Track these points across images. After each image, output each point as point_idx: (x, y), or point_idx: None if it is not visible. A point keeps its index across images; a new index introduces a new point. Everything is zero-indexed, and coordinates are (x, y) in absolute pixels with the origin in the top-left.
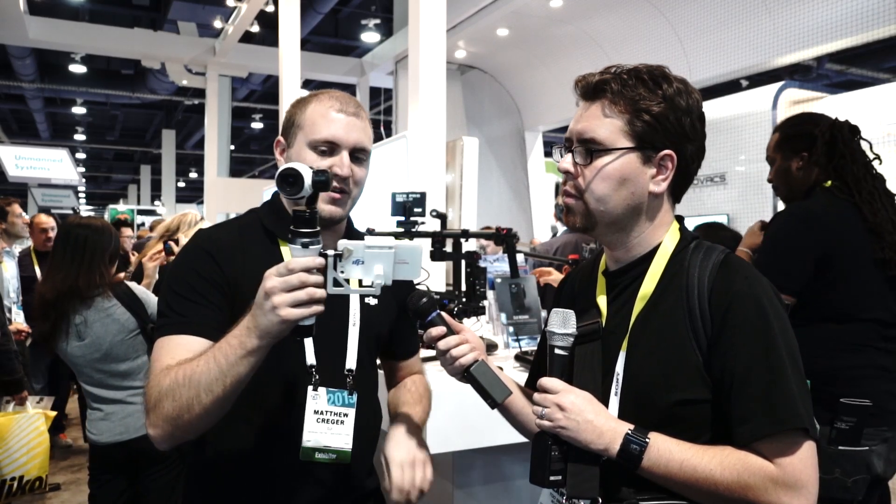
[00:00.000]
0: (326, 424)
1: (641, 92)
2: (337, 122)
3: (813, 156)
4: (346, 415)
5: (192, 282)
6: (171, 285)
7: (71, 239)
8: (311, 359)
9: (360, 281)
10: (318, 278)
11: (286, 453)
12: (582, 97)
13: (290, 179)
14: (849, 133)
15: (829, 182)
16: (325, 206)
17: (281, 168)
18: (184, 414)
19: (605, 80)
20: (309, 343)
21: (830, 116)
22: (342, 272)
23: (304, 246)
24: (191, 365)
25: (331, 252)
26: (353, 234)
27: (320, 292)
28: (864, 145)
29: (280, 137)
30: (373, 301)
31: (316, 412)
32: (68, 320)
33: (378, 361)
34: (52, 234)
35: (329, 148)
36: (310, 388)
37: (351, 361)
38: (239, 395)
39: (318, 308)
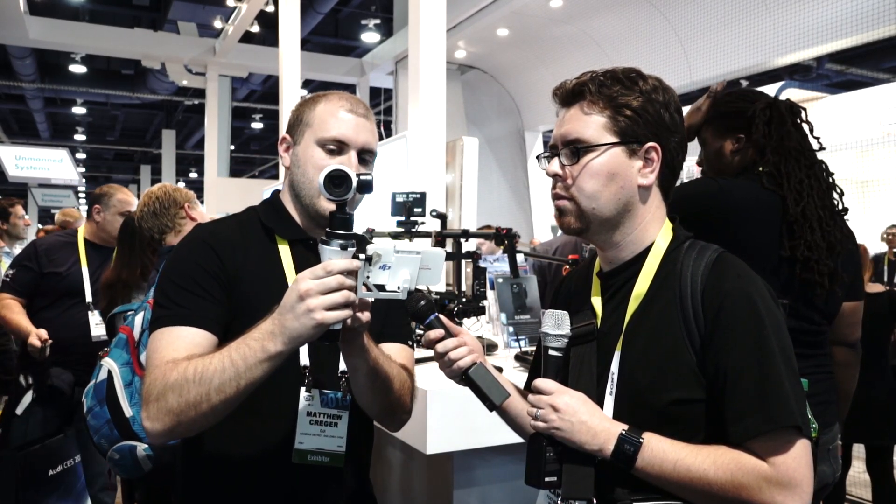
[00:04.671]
0: (320, 426)
1: (619, 89)
2: (347, 122)
3: (752, 137)
4: (339, 417)
5: (193, 274)
6: (170, 277)
7: (129, 230)
8: (304, 360)
9: (384, 286)
10: (353, 282)
11: (279, 455)
12: (561, 104)
13: (337, 181)
14: (788, 112)
15: (759, 169)
16: (328, 205)
17: (328, 169)
18: (189, 411)
19: (583, 82)
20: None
21: (768, 94)
22: (368, 276)
23: (343, 248)
24: (202, 361)
25: (361, 255)
26: None
27: (354, 296)
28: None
29: (285, 135)
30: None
31: (309, 414)
32: (129, 301)
33: None
34: None
35: (338, 147)
36: (303, 389)
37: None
38: None
39: (350, 312)
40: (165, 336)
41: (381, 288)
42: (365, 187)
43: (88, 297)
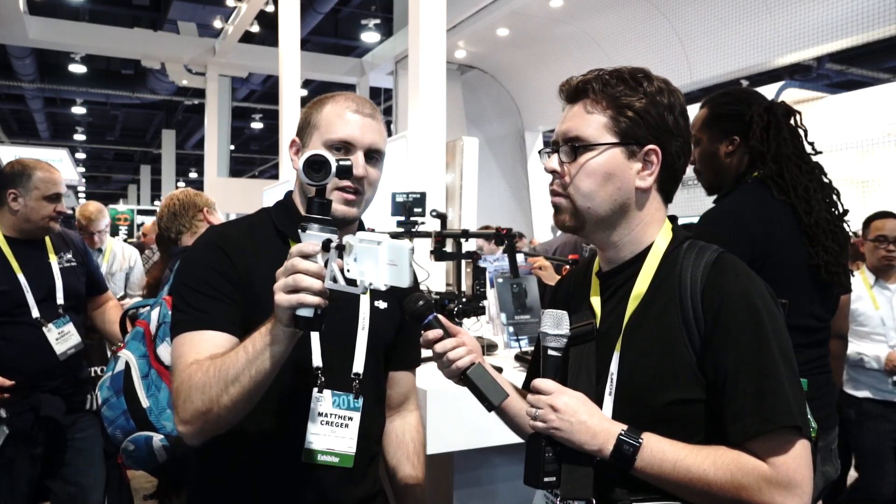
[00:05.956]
0: (330, 427)
1: (623, 89)
2: (353, 123)
3: (748, 140)
4: (350, 419)
5: (207, 277)
6: (185, 281)
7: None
8: (317, 360)
9: (356, 280)
10: (311, 265)
11: (289, 454)
12: (566, 100)
13: (316, 166)
14: (785, 116)
15: (758, 173)
16: (338, 207)
17: (307, 154)
18: (213, 406)
19: (588, 80)
20: (316, 344)
21: (765, 97)
22: (349, 270)
23: (302, 230)
24: (222, 358)
25: (334, 243)
26: None
27: (309, 280)
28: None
29: (295, 137)
30: (382, 304)
31: (320, 414)
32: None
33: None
34: None
35: (344, 148)
36: (315, 389)
37: (358, 365)
38: None
39: (311, 298)
40: (188, 341)
41: (350, 282)
42: (344, 172)
43: (35, 312)
